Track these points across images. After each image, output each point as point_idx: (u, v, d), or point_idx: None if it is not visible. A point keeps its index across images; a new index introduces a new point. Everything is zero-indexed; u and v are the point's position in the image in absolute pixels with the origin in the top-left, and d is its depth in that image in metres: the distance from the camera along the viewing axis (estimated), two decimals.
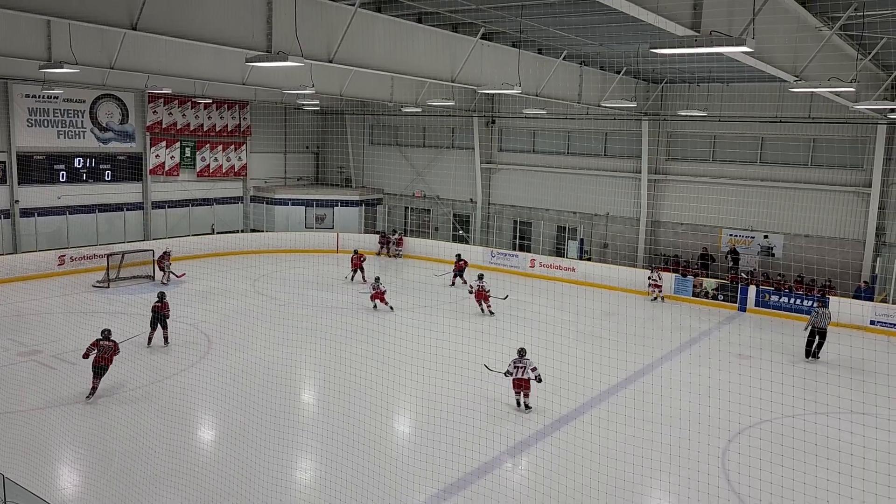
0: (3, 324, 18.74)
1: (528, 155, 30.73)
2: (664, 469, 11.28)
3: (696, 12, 8.70)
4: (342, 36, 13.51)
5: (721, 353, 17.63)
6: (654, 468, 11.17)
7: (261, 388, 14.23)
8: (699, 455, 11.25)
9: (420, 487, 10.35)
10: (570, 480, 10.40)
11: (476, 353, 14.71)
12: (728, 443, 12.45)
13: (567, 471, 10.68)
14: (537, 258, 27.76)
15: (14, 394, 13.82)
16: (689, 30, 8.56)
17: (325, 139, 37.13)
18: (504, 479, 10.96)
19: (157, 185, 30.27)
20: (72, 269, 24.88)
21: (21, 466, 10.22)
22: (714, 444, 12.08)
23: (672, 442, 12.05)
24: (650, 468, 11.09)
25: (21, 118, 25.74)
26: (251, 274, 25.86)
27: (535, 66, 18.98)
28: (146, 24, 10.90)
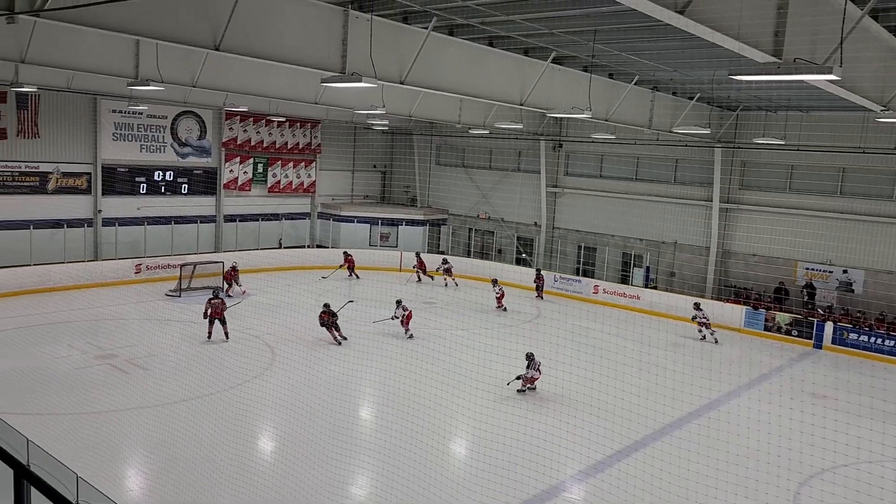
0: (82, 327, 19.59)
1: (594, 180, 30.40)
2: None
3: (779, 39, 8.45)
4: (414, 58, 13.74)
5: (794, 390, 16.89)
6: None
7: (321, 402, 14.38)
8: (768, 497, 10.75)
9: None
10: None
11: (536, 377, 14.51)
12: (800, 486, 11.87)
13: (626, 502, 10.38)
14: (601, 284, 27.32)
15: (89, 396, 14.37)
16: (770, 56, 8.32)
17: (392, 158, 37.66)
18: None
19: (230, 200, 31.24)
20: (147, 277, 25.86)
21: (92, 466, 10.57)
22: (784, 487, 11.53)
23: (739, 482, 11.55)
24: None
25: (107, 132, 27.05)
26: (315, 289, 26.30)
27: (606, 90, 18.83)
28: (228, 44, 11.33)
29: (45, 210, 25.35)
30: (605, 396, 13.93)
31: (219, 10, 11.01)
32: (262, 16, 11.69)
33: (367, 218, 33.74)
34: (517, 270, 29.26)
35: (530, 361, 15.48)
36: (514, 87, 16.57)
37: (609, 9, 12.07)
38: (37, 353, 17.06)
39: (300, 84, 19.79)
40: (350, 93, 20.29)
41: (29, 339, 18.14)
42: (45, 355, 16.87)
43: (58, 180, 25.87)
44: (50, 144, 25.41)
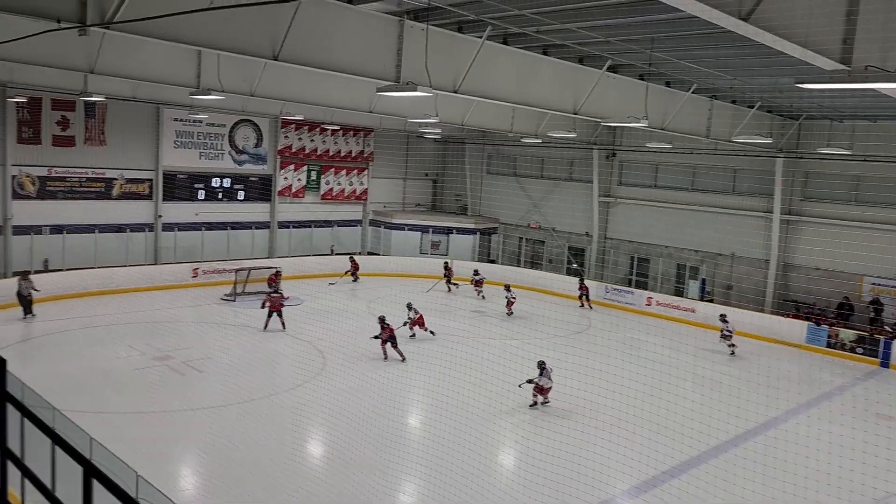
0: (141, 329, 20.17)
1: (649, 190, 29.91)
2: None
3: (847, 46, 8.15)
4: (468, 67, 13.77)
5: (858, 410, 16.22)
6: None
7: (371, 409, 14.45)
8: None
9: None
10: None
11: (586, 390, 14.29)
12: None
13: None
14: (654, 296, 26.80)
15: (146, 395, 14.77)
16: (838, 64, 8.04)
17: (443, 167, 37.79)
18: None
19: (284, 206, 31.82)
20: (203, 281, 26.50)
21: (148, 465, 10.84)
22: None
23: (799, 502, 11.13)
24: None
25: (169, 139, 27.90)
26: (367, 295, 26.52)
27: (663, 99, 18.51)
28: (287, 54, 11.56)
29: (109, 215, 26.28)
30: (659, 411, 13.63)
31: (278, 21, 11.24)
32: (320, 26, 11.89)
33: (418, 226, 33.89)
34: (568, 280, 28.96)
35: (542, 370, 15.07)
36: (568, 96, 16.44)
37: (668, 16, 11.87)
38: (99, 353, 17.64)
39: (354, 93, 20.05)
40: (404, 101, 20.46)
41: (92, 340, 18.77)
42: (106, 355, 17.42)
43: (122, 186, 26.78)
44: (115, 152, 26.35)
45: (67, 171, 25.29)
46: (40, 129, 24.37)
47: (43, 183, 24.79)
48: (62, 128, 24.87)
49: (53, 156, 24.83)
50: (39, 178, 24.69)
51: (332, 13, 12.06)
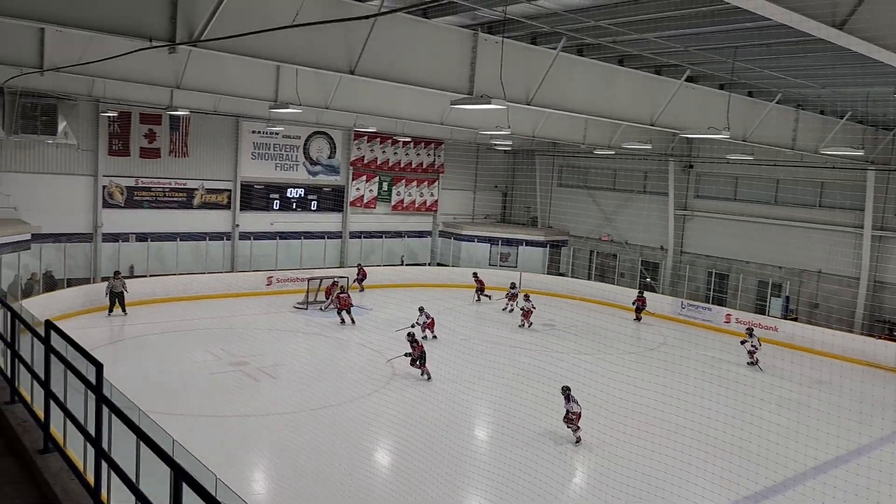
0: (218, 335, 20.79)
1: (728, 203, 28.91)
2: None
3: None
4: (542, 79, 13.64)
5: None
6: None
7: (438, 420, 14.41)
8: None
9: None
10: None
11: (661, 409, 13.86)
12: None
13: None
14: (734, 313, 25.84)
15: (222, 400, 15.18)
16: None
17: (513, 178, 37.59)
18: None
19: (356, 217, 32.31)
20: (277, 289, 27.15)
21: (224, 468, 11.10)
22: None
23: None
24: None
25: (247, 151, 28.79)
26: (435, 307, 26.51)
27: (745, 109, 17.88)
28: (363, 68, 11.72)
29: (190, 224, 27.27)
30: (741, 434, 13.08)
31: (356, 37, 11.41)
32: (396, 41, 12.01)
33: (488, 237, 33.81)
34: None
35: (568, 395, 14.02)
36: (644, 107, 16.08)
37: (752, 25, 11.47)
38: (179, 356, 18.27)
39: (426, 105, 20.20)
40: (475, 113, 20.46)
41: (172, 344, 19.47)
42: (185, 359, 18.02)
43: (202, 196, 27.77)
44: (197, 163, 27.37)
45: (153, 182, 26.42)
46: (129, 142, 25.56)
47: (130, 193, 25.96)
48: (149, 140, 26.01)
49: (140, 167, 26.00)
50: (127, 188, 25.87)
51: (407, 28, 12.17)
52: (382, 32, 11.60)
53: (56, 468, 4.95)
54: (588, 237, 33.73)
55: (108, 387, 7.29)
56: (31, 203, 23.02)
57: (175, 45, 9.58)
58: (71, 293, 22.22)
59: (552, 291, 30.43)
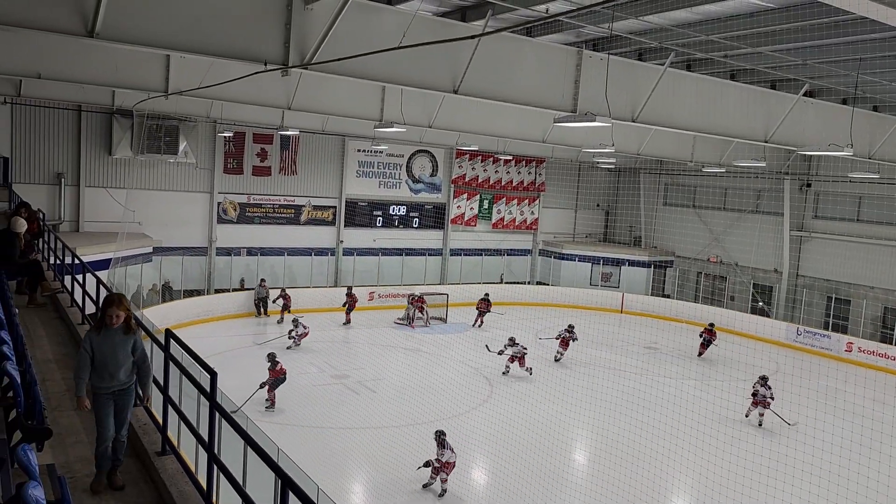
0: (322, 348, 21.40)
1: (850, 224, 27.08)
2: None
3: None
4: (648, 95, 13.32)
5: None
6: None
7: (534, 441, 14.19)
8: None
9: None
10: None
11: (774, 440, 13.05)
12: None
13: None
14: (856, 341, 24.10)
15: (325, 412, 15.58)
16: None
17: (616, 197, 36.79)
18: None
19: (456, 234, 32.56)
20: (379, 304, 27.70)
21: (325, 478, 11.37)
22: None
23: None
24: None
25: (352, 169, 29.69)
26: (535, 326, 26.29)
27: (869, 124, 16.76)
28: (466, 88, 11.84)
29: (297, 239, 28.36)
30: (862, 468, 12.10)
31: (460, 56, 11.56)
32: (499, 59, 12.07)
33: (589, 257, 33.21)
34: (753, 320, 26.87)
35: (442, 441, 12.15)
36: (758, 123, 15.36)
37: (878, 35, 10.77)
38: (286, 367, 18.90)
39: (528, 123, 20.14)
40: (578, 131, 20.19)
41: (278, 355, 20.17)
42: (291, 371, 18.61)
43: (309, 213, 28.83)
44: (304, 180, 28.49)
45: (263, 198, 27.70)
46: (243, 160, 26.96)
47: (242, 209, 27.32)
48: (261, 159, 27.33)
49: (252, 184, 27.34)
50: (240, 205, 27.25)
51: (511, 46, 12.21)
52: (486, 51, 11.69)
53: (172, 470, 5.21)
54: (695, 258, 32.46)
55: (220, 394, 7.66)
56: (153, 218, 24.64)
57: (287, 69, 10.03)
58: (187, 304, 23.53)
59: (656, 313, 29.48)
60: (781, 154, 25.97)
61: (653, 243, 34.55)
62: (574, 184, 35.49)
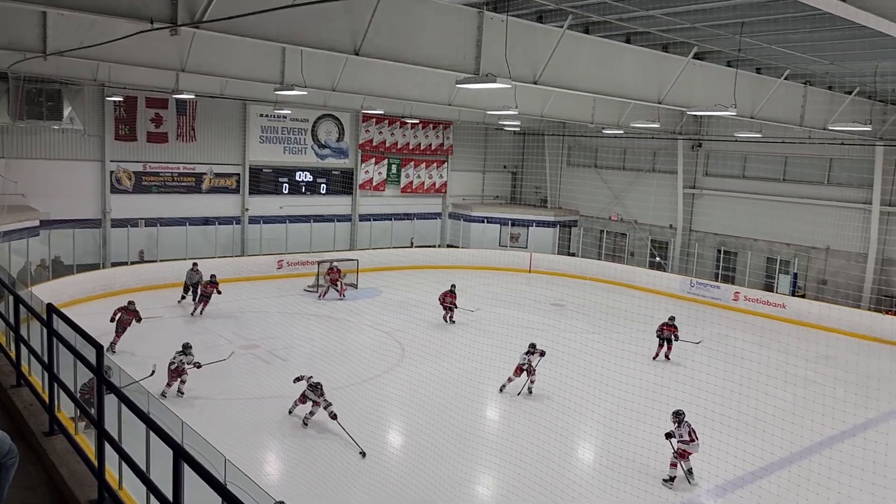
0: (229, 319, 20.96)
1: (737, 181, 28.74)
2: None
3: None
4: (548, 57, 13.55)
5: None
6: None
7: (448, 399, 14.52)
8: None
9: None
10: None
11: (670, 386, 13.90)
12: None
13: None
14: (742, 291, 25.80)
15: (235, 383, 15.35)
16: None
17: (522, 159, 37.46)
18: None
19: (365, 199, 32.34)
20: (287, 273, 27.30)
21: (236, 450, 11.27)
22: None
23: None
24: None
25: (255, 135, 28.83)
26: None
27: (753, 86, 17.70)
28: (368, 49, 11.69)
29: (199, 208, 27.40)
30: (748, 409, 13.12)
31: (359, 17, 11.38)
32: (400, 20, 11.96)
33: (498, 218, 33.80)
34: (650, 274, 28.26)
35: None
36: (652, 85, 15.96)
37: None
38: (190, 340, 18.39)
39: (434, 86, 20.11)
40: (483, 94, 20.34)
41: (184, 328, 19.65)
42: (197, 343, 18.13)
43: (211, 181, 27.87)
44: (205, 147, 27.44)
45: (160, 167, 26.52)
46: (136, 127, 25.64)
47: (138, 178, 26.09)
48: (156, 125, 26.08)
49: (148, 152, 26.09)
50: (135, 174, 25.99)
51: (411, 7, 12.10)
52: (387, 12, 11.55)
53: (62, 450, 5.03)
54: (598, 217, 33.65)
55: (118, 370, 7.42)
56: (38, 189, 23.19)
57: (177, 27, 9.59)
58: (80, 279, 22.41)
59: (562, 272, 30.46)
60: (674, 115, 27.12)
61: (558, 203, 35.51)
62: (481, 147, 35.85)
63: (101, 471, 4.48)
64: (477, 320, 21.59)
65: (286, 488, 10.75)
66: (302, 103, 26.80)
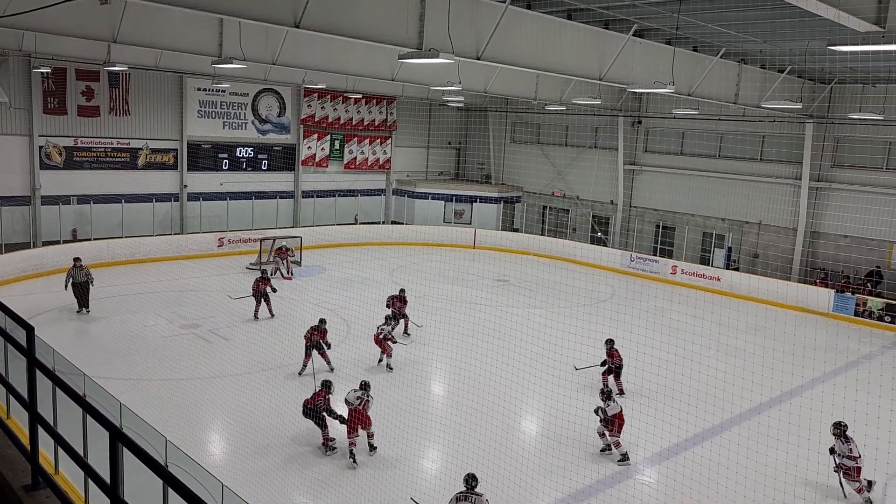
0: (168, 298, 20.51)
1: (675, 157, 29.47)
2: (815, 500, 10.42)
3: (882, 6, 7.89)
4: (491, 33, 13.56)
5: (884, 378, 16.02)
6: (801, 496, 10.34)
7: (393, 376, 14.61)
8: None
9: (548, 491, 10.20)
10: (703, 498, 9.85)
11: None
12: (889, 478, 11.30)
13: (701, 487, 10.14)
14: (679, 265, 26.59)
15: (175, 363, 15.07)
16: (872, 25, 7.79)
17: (466, 135, 37.53)
18: (634, 491, 10.57)
19: (308, 176, 31.90)
20: (229, 251, 26.81)
21: (178, 430, 11.11)
22: (877, 480, 11.00)
23: (822, 470, 11.10)
24: (795, 495, 10.28)
25: (192, 109, 28.00)
26: (389, 265, 26.64)
27: (690, 64, 18.13)
28: (308, 22, 11.48)
29: (135, 185, 26.56)
30: (683, 379, 13.60)
31: None
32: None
33: (442, 195, 33.85)
34: (592, 249, 28.83)
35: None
36: (593, 62, 16.16)
37: None
38: (128, 320, 17.98)
39: (377, 61, 19.91)
40: (426, 69, 20.26)
41: (121, 308, 19.13)
42: (135, 323, 17.75)
43: (147, 156, 27.01)
44: (140, 122, 26.53)
45: (93, 142, 25.55)
46: (66, 100, 24.57)
47: (70, 153, 25.09)
48: (87, 98, 25.06)
49: (79, 126, 25.08)
50: (66, 149, 24.98)
51: None
52: None
53: None
54: (541, 193, 34.06)
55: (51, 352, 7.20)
56: None
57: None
58: (10, 258, 21.55)
59: (506, 247, 30.79)
60: (615, 92, 27.57)
61: (502, 180, 35.77)
62: (425, 123, 35.73)
63: (35, 455, 4.38)
64: (423, 297, 21.68)
65: (230, 469, 10.67)
66: (241, 77, 26.17)
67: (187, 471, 6.55)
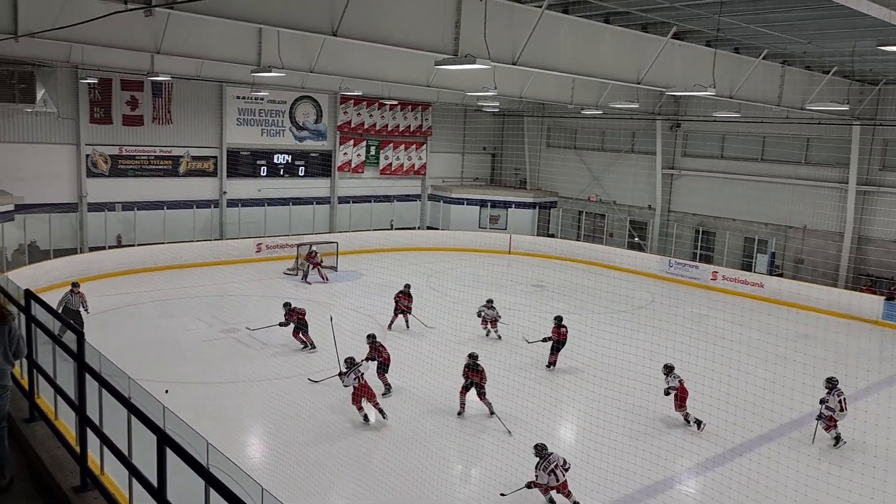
0: (209, 302, 20.82)
1: (715, 161, 28.95)
2: None
3: None
4: (528, 38, 13.49)
5: None
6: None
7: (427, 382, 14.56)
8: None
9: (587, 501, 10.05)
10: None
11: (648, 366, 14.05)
12: None
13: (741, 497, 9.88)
14: (720, 270, 26.08)
15: (215, 366, 15.28)
16: None
17: (502, 140, 37.43)
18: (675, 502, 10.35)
19: (344, 182, 32.14)
20: (266, 256, 27.13)
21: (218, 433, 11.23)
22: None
23: (876, 485, 10.72)
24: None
25: (232, 117, 28.46)
26: (426, 270, 26.65)
27: (731, 66, 17.79)
28: (345, 30, 11.56)
29: (177, 192, 27.07)
30: (726, 388, 13.30)
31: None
32: (378, 1, 11.82)
33: (477, 200, 33.78)
34: (629, 255, 28.45)
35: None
36: (631, 65, 15.96)
37: None
38: (169, 325, 18.30)
39: (412, 67, 19.97)
40: (462, 75, 20.25)
41: (162, 312, 19.49)
42: (176, 327, 18.06)
43: (188, 164, 27.52)
44: (181, 130, 27.06)
45: (137, 150, 26.13)
46: (111, 109, 25.19)
47: (115, 161, 25.69)
48: (131, 107, 25.65)
49: (124, 135, 25.68)
50: (111, 157, 25.59)
51: None
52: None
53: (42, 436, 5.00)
54: (577, 198, 33.77)
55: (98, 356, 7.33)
56: (13, 173, 22.77)
57: (151, 8, 9.40)
58: (57, 264, 22.10)
59: (541, 253, 30.58)
60: (653, 95, 27.20)
61: (537, 185, 35.56)
62: (460, 128, 35.73)
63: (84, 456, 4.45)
64: (458, 303, 21.62)
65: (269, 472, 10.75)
66: (279, 85, 26.48)
67: (228, 473, 6.60)
